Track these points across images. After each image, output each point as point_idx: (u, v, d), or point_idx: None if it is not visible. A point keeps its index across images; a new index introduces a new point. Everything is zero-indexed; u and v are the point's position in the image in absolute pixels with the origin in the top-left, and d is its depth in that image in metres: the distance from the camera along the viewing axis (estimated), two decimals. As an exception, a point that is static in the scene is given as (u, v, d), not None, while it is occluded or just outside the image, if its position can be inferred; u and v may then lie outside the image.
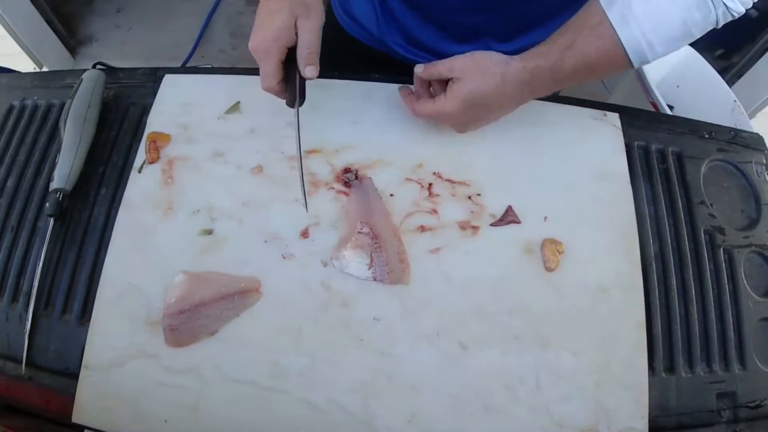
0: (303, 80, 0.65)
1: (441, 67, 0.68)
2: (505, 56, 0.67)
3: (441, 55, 0.86)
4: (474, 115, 0.69)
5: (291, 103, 0.66)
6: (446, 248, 0.68)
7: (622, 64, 0.64)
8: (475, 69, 0.66)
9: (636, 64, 0.64)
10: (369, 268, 0.66)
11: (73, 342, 0.63)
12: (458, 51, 0.84)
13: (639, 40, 0.62)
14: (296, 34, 0.64)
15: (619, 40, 0.62)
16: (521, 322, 0.64)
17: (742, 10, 0.60)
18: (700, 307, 0.67)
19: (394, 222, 0.68)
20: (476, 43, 0.83)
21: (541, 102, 0.78)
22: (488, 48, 0.82)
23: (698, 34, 0.63)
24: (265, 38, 0.63)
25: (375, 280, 0.65)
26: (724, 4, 0.60)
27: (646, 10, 0.61)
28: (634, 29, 0.61)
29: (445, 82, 0.69)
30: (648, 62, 0.64)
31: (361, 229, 0.67)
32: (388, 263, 0.65)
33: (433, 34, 0.84)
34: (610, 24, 0.62)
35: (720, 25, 0.62)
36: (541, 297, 0.65)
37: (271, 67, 0.64)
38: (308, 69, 0.64)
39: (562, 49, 0.64)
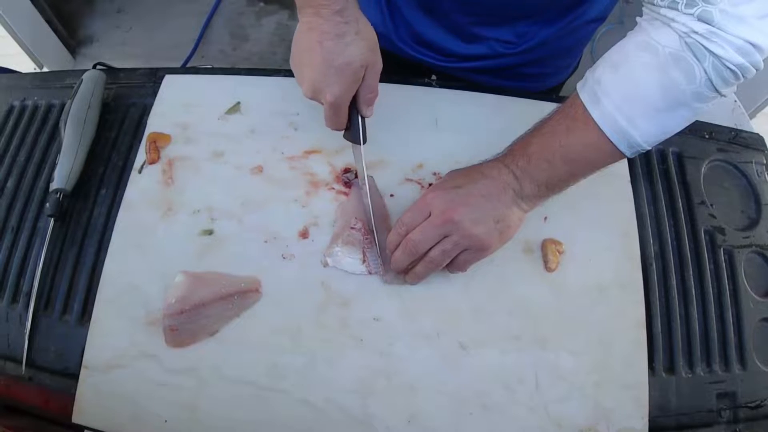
0: (363, 118, 0.65)
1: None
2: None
3: (448, 54, 0.85)
4: (457, 194, 0.61)
5: (352, 140, 0.66)
6: (446, 248, 0.67)
7: (606, 149, 0.56)
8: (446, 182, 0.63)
9: (625, 149, 0.56)
10: (362, 263, 0.66)
11: (73, 342, 0.64)
12: (465, 51, 0.83)
13: (614, 116, 0.54)
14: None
15: (593, 120, 0.55)
16: (521, 322, 0.64)
17: (741, 61, 0.49)
18: (700, 307, 0.67)
19: (390, 223, 0.68)
20: (482, 44, 0.82)
21: (543, 102, 0.78)
22: (494, 51, 0.82)
23: (693, 102, 0.52)
24: (337, 93, 0.60)
25: (370, 273, 0.65)
26: (711, 53, 0.49)
27: (614, 82, 0.54)
28: (605, 105, 0.54)
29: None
30: (641, 146, 0.55)
31: (354, 225, 0.67)
32: (385, 260, 0.66)
33: (441, 34, 0.83)
34: (582, 103, 0.56)
35: (719, 85, 0.51)
36: (540, 297, 0.65)
37: (341, 117, 0.63)
38: (369, 110, 0.64)
39: (531, 132, 0.61)
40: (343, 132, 0.67)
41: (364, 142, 0.66)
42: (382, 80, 0.79)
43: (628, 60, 0.54)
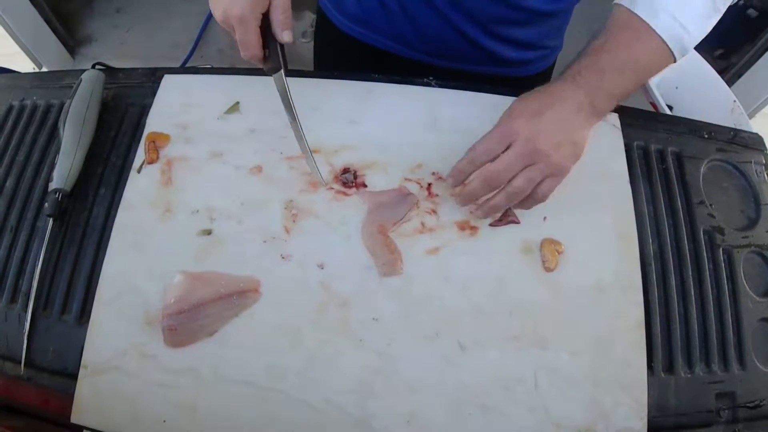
0: (282, 46, 0.64)
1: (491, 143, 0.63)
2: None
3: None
4: (540, 121, 0.61)
5: (272, 71, 0.65)
6: (445, 248, 0.68)
7: (665, 54, 0.63)
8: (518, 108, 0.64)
9: (678, 54, 0.63)
10: None
11: (72, 342, 0.63)
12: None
13: (673, 26, 0.61)
14: None
15: (654, 31, 0.61)
16: (520, 322, 0.64)
17: None
18: (699, 307, 0.67)
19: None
20: None
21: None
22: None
23: (721, 5, 0.63)
24: (242, 6, 0.60)
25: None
26: None
27: None
28: (664, 17, 0.61)
29: None
30: (687, 50, 0.63)
31: None
32: (379, 257, 0.66)
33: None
34: (637, 17, 0.62)
35: None
36: (539, 297, 0.65)
37: (251, 36, 0.62)
38: (285, 34, 0.63)
39: (594, 48, 0.64)
40: (271, 70, 0.66)
41: (285, 68, 0.64)
42: (380, 79, 0.80)
43: None
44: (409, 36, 0.87)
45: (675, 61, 0.64)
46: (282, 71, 0.64)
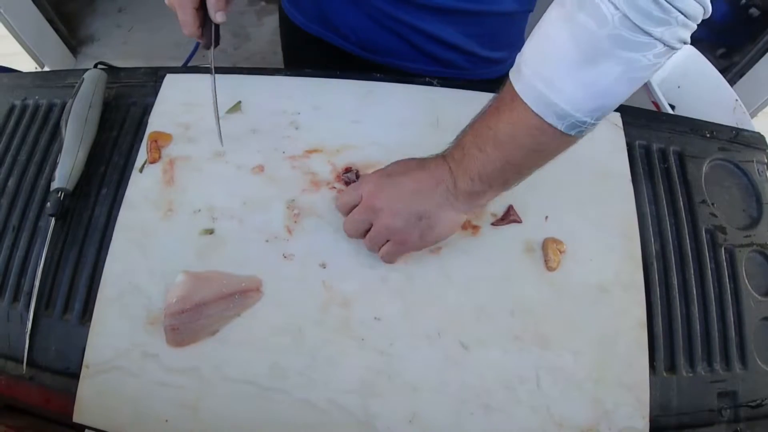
0: (216, 25, 0.69)
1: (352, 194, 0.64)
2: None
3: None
4: (386, 183, 0.61)
5: (206, 47, 0.71)
6: (447, 248, 0.67)
7: (533, 123, 0.50)
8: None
9: (554, 120, 0.48)
10: None
11: (74, 342, 0.64)
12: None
13: (533, 83, 0.48)
14: None
15: (517, 93, 0.50)
16: (522, 321, 0.64)
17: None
18: (701, 306, 0.67)
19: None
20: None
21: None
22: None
23: (617, 50, 0.44)
24: None
25: None
26: None
27: (530, 47, 0.50)
28: (525, 74, 0.49)
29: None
30: (572, 115, 0.48)
31: None
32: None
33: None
34: (510, 83, 0.51)
35: (642, 22, 0.42)
36: (541, 296, 0.65)
37: (188, 16, 0.67)
38: (218, 15, 0.66)
39: (471, 122, 0.58)
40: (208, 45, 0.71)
41: (216, 45, 0.71)
42: (381, 78, 0.80)
43: (541, 23, 0.50)
44: (335, 21, 0.85)
45: (561, 131, 0.49)
46: (212, 47, 0.71)
